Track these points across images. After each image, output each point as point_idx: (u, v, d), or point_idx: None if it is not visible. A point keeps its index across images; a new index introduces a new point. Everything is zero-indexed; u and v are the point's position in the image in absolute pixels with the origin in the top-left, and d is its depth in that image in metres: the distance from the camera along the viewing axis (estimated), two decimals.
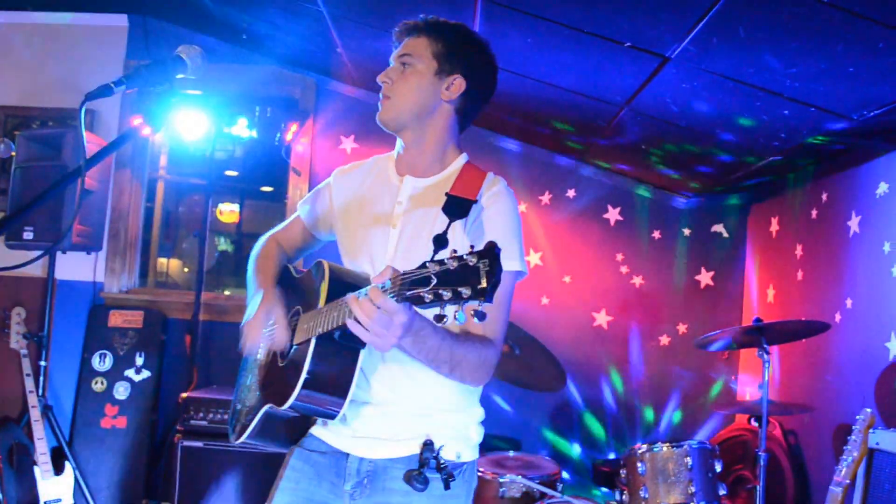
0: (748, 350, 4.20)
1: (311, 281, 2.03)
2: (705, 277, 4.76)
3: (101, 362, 4.50)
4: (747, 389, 4.61)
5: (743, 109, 3.13)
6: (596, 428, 4.73)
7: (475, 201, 1.86)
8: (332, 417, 1.89)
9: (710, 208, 4.79)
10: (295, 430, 2.09)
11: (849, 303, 3.44)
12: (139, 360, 4.49)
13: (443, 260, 1.43)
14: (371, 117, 5.28)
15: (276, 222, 2.47)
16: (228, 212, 8.53)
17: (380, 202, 2.04)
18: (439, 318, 1.44)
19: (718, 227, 4.79)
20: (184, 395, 3.88)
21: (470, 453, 2.01)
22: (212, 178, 4.83)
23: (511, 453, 3.81)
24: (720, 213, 4.79)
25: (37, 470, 4.03)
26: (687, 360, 4.72)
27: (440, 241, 1.53)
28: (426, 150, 2.02)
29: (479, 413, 2.06)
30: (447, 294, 1.40)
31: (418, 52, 1.98)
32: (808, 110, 2.90)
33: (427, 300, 1.43)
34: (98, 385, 4.48)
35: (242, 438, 2.08)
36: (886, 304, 3.16)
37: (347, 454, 1.98)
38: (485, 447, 3.83)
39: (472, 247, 1.42)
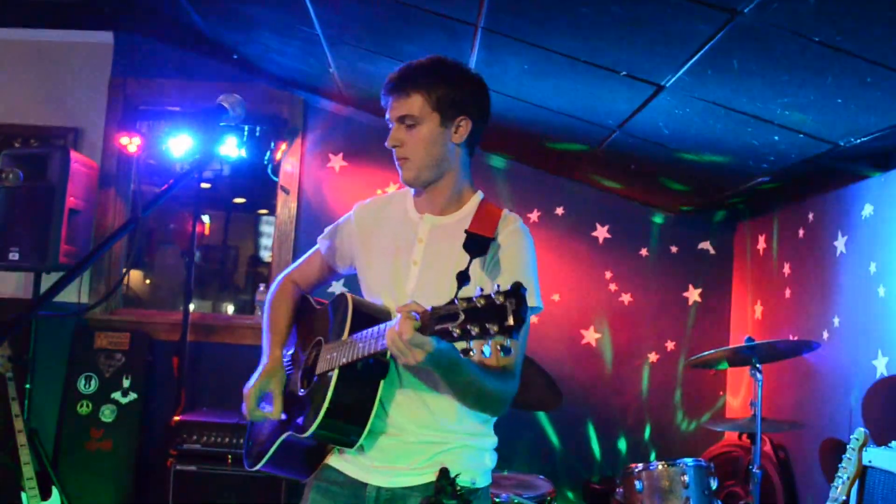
0: (736, 367, 4.38)
1: (333, 313, 2.17)
2: (693, 294, 4.95)
3: (87, 385, 4.58)
4: (736, 406, 4.79)
5: (734, 134, 3.31)
6: (585, 446, 4.89)
7: (493, 238, 2.01)
8: (351, 446, 2.03)
9: (697, 225, 4.98)
10: (310, 458, 2.22)
11: (836, 321, 3.63)
12: (126, 383, 4.57)
13: (471, 298, 1.58)
14: (359, 134, 5.43)
15: (250, 234, 2.61)
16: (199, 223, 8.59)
17: (401, 238, 2.17)
18: (465, 351, 1.61)
19: (705, 245, 4.98)
20: (176, 418, 3.98)
21: (484, 479, 2.14)
22: (197, 196, 4.92)
23: (505, 472, 3.95)
24: (707, 231, 4.98)
25: (24, 495, 4.08)
26: (675, 376, 4.89)
27: (463, 278, 1.68)
28: (444, 190, 2.15)
29: (493, 440, 2.19)
30: (475, 330, 1.56)
31: (417, 110, 2.06)
32: (797, 136, 3.09)
33: (455, 335, 1.59)
34: (83, 408, 4.55)
35: (259, 465, 2.22)
36: (873, 322, 3.34)
37: (366, 484, 2.10)
38: None
39: (497, 286, 1.57)
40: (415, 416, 2.08)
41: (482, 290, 1.59)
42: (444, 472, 1.96)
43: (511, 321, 1.53)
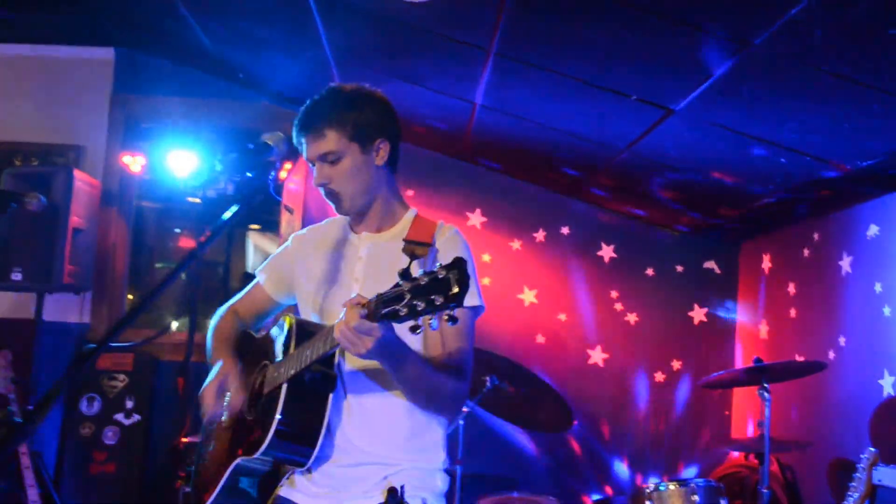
0: (744, 387, 4.51)
1: (276, 335, 2.25)
2: (698, 314, 5.09)
3: (89, 406, 4.66)
4: (741, 426, 4.92)
5: (741, 157, 3.46)
6: (593, 466, 5.00)
7: (431, 244, 2.12)
8: (303, 465, 2.09)
9: (702, 245, 5.13)
10: (261, 489, 2.24)
11: (842, 340, 3.77)
12: (129, 404, 4.66)
13: (415, 277, 1.69)
14: None
15: (240, 249, 2.68)
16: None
17: (340, 260, 2.26)
18: (414, 328, 1.69)
19: (710, 264, 5.12)
20: (184, 439, 4.07)
21: (435, 501, 2.18)
22: (203, 213, 5.02)
23: (516, 494, 4.06)
24: (712, 250, 5.13)
25: None
26: (681, 396, 5.03)
27: (405, 275, 1.72)
28: (377, 211, 2.25)
29: (444, 459, 2.23)
30: (421, 304, 1.66)
31: (334, 146, 2.14)
32: (803, 159, 3.24)
33: (402, 314, 1.68)
34: (86, 430, 4.64)
35: (209, 502, 2.23)
36: (879, 342, 3.49)
37: None
38: (484, 487, 4.09)
39: (438, 263, 1.69)
40: (365, 432, 2.13)
41: (424, 270, 1.69)
42: (392, 492, 2.03)
43: (455, 289, 1.63)
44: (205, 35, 4.28)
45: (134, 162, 4.86)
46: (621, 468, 5.01)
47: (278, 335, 2.22)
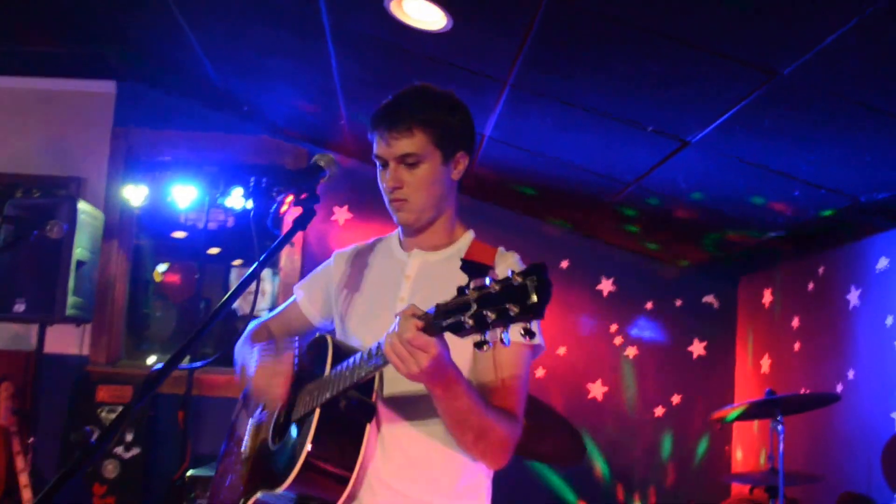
0: (752, 420, 4.43)
1: (310, 356, 2.00)
2: (698, 348, 5.02)
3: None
4: (742, 459, 4.83)
5: (754, 189, 3.41)
6: (592, 500, 4.89)
7: (491, 267, 1.78)
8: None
9: (701, 279, 5.07)
10: None
11: (850, 374, 3.70)
12: (128, 437, 4.52)
13: (483, 285, 1.40)
14: (365, 186, 5.46)
15: (221, 285, 2.47)
16: (161, 273, 8.45)
17: (385, 278, 2.05)
18: (480, 345, 1.41)
19: (709, 298, 5.06)
20: (189, 472, 3.93)
21: None
22: (202, 250, 4.93)
23: None
24: (710, 284, 5.07)
25: None
26: (681, 430, 4.94)
27: (462, 292, 1.46)
28: (438, 229, 2.03)
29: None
30: (491, 315, 1.37)
31: (420, 148, 1.91)
32: (818, 192, 3.19)
33: (467, 326, 1.41)
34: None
35: None
36: (891, 375, 3.42)
37: None
38: None
39: (512, 270, 1.39)
40: (400, 470, 1.89)
41: (494, 278, 1.41)
42: None
43: (535, 298, 1.34)
44: (211, 66, 4.20)
45: (136, 195, 4.76)
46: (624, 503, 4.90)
47: (314, 356, 1.97)
